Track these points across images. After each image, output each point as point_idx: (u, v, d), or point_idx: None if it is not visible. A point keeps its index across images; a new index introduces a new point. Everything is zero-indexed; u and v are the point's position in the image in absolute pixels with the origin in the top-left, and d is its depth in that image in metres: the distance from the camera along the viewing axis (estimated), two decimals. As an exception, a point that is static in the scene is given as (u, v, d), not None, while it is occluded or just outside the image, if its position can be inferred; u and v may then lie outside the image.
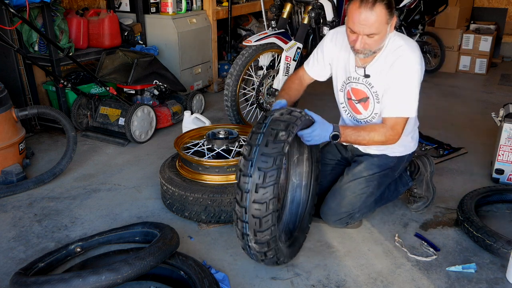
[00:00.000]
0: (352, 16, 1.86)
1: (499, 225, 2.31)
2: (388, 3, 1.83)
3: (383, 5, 1.81)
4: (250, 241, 1.75)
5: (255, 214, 1.68)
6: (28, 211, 2.43)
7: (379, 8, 1.81)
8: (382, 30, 1.87)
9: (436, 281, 1.92)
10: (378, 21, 1.83)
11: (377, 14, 1.81)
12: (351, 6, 1.87)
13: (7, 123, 2.66)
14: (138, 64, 3.36)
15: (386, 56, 1.99)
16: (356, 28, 1.87)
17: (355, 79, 2.12)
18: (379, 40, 1.90)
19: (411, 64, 1.94)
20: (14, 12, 2.72)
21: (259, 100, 3.27)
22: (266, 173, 1.64)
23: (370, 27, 1.84)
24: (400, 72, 1.94)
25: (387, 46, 1.99)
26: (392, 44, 1.98)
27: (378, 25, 1.84)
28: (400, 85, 1.95)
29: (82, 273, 1.52)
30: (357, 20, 1.84)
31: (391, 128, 1.97)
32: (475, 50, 5.38)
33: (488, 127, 3.63)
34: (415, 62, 1.94)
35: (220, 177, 2.30)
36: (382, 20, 1.83)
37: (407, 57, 1.94)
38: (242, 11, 4.84)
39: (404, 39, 2.00)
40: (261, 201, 1.66)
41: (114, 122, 3.34)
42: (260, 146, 1.67)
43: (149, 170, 2.89)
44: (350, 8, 1.87)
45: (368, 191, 2.18)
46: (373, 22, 1.83)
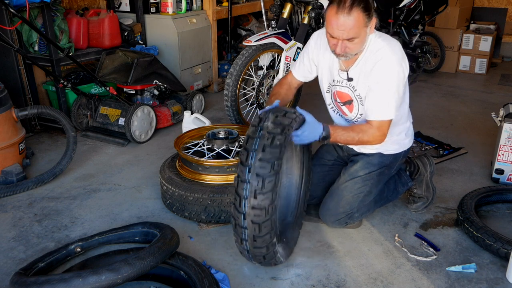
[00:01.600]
0: (330, 22, 1.87)
1: (499, 225, 2.31)
2: (365, 7, 1.83)
3: (360, 9, 1.82)
4: (249, 246, 1.74)
5: (254, 220, 1.67)
6: (28, 211, 2.43)
7: (356, 13, 1.81)
8: (361, 33, 1.87)
9: (436, 281, 1.92)
10: (356, 25, 1.83)
11: (355, 19, 1.82)
12: (328, 11, 1.87)
13: (7, 123, 2.66)
14: (138, 64, 3.36)
15: (367, 58, 1.99)
16: (335, 33, 1.88)
17: (339, 82, 2.13)
18: (359, 43, 1.91)
19: (390, 67, 1.93)
20: (14, 12, 2.72)
21: (259, 100, 3.27)
22: (265, 179, 1.63)
23: (348, 32, 1.85)
24: (380, 75, 1.94)
25: (368, 47, 1.99)
26: (373, 45, 1.98)
27: (357, 29, 1.85)
28: (380, 88, 1.95)
29: (82, 273, 1.52)
30: (335, 26, 1.85)
31: (377, 129, 1.98)
32: (475, 50, 5.38)
33: (488, 127, 3.63)
34: (395, 64, 1.93)
35: (220, 177, 2.30)
36: (360, 24, 1.84)
37: (387, 59, 1.93)
38: (242, 11, 4.84)
39: (385, 39, 1.99)
40: (260, 207, 1.65)
41: (114, 122, 3.34)
42: (257, 152, 1.66)
43: (149, 170, 2.89)
44: (328, 13, 1.87)
45: (365, 190, 2.19)
46: (351, 27, 1.83)
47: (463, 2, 5.38)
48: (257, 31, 5.11)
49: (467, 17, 5.75)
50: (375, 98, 1.97)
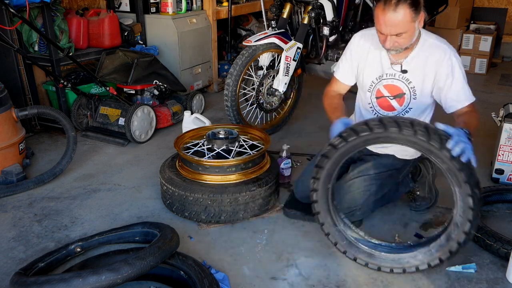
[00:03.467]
0: (378, 19, 1.92)
1: (499, 225, 2.31)
2: (412, 2, 1.86)
3: (406, 5, 1.85)
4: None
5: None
6: (28, 211, 2.43)
7: (403, 8, 1.85)
8: (409, 28, 1.91)
9: (436, 281, 1.92)
10: (403, 20, 1.87)
11: (402, 14, 1.86)
12: (376, 9, 1.92)
13: (7, 123, 2.66)
14: (138, 64, 3.36)
15: (424, 51, 2.04)
16: (383, 29, 1.92)
17: (390, 75, 2.14)
18: (408, 37, 1.95)
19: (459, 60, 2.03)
20: (14, 12, 2.72)
21: (259, 100, 3.27)
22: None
23: (396, 27, 1.89)
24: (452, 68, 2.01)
25: (425, 42, 2.05)
26: (428, 40, 2.05)
27: (404, 24, 1.88)
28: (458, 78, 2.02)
29: (82, 273, 1.52)
30: (383, 22, 1.89)
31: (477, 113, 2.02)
32: (475, 50, 5.37)
33: (488, 127, 3.62)
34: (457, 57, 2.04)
35: (220, 177, 2.29)
36: (407, 19, 1.88)
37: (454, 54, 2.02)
38: (242, 11, 4.84)
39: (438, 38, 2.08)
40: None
41: (114, 122, 3.34)
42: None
43: (149, 170, 2.89)
44: (376, 11, 1.93)
45: (372, 189, 2.18)
46: (398, 22, 1.87)
47: (463, 2, 5.38)
48: (257, 31, 5.10)
49: (467, 17, 5.75)
50: (458, 88, 2.03)
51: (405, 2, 1.85)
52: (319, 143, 2.95)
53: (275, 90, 3.25)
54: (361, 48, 2.20)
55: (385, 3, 1.87)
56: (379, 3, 1.91)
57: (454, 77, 2.02)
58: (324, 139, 2.52)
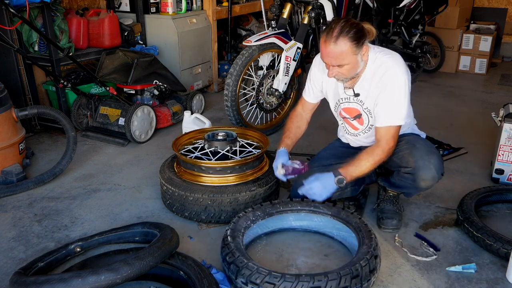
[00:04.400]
0: (321, 49, 1.97)
1: (499, 225, 2.31)
2: (354, 36, 1.89)
3: (347, 38, 1.88)
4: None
5: None
6: (28, 211, 2.43)
7: (343, 42, 1.88)
8: (350, 60, 1.94)
9: (436, 281, 1.92)
10: (343, 53, 1.91)
11: (342, 47, 1.89)
12: (321, 39, 1.97)
13: (7, 123, 2.66)
14: (138, 64, 3.36)
15: (373, 73, 2.04)
16: (325, 59, 1.98)
17: (346, 99, 2.19)
18: (350, 69, 1.98)
19: (397, 76, 1.99)
20: (14, 12, 2.72)
21: (259, 100, 3.27)
22: None
23: (336, 59, 1.93)
24: (388, 85, 2.00)
25: (373, 63, 2.04)
26: (376, 61, 2.03)
27: (344, 57, 1.92)
28: (390, 97, 2.01)
29: (81, 273, 1.51)
30: (325, 53, 1.95)
31: (385, 143, 2.02)
32: (475, 50, 5.37)
33: (488, 127, 3.62)
34: (401, 74, 2.00)
35: (219, 179, 2.29)
36: (347, 52, 1.91)
37: (393, 71, 2.00)
38: (242, 11, 4.84)
39: (387, 54, 2.05)
40: None
41: (114, 122, 3.34)
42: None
43: (149, 170, 2.89)
44: (320, 41, 1.97)
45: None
46: (338, 55, 1.91)
47: (463, 2, 5.38)
48: (257, 31, 5.11)
49: (467, 17, 5.75)
50: (385, 106, 2.03)
51: (346, 35, 1.88)
52: (319, 143, 2.95)
53: (275, 90, 3.25)
54: (319, 74, 2.24)
55: (327, 35, 1.90)
56: (323, 35, 1.95)
57: (385, 92, 2.01)
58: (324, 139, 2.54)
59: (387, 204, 2.31)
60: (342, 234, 2.14)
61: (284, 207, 2.18)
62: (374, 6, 3.81)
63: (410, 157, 2.08)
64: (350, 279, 1.69)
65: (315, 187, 2.02)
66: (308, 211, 2.16)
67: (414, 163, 2.07)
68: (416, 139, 2.18)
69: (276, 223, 2.20)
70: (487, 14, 6.05)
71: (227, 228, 2.01)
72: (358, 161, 2.03)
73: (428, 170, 2.05)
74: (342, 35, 1.88)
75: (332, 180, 1.99)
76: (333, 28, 1.90)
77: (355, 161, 2.03)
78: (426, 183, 2.09)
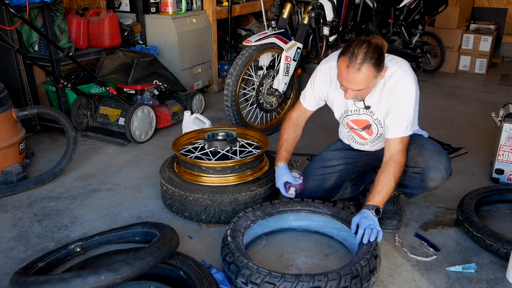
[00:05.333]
0: (340, 73, 1.91)
1: (499, 225, 2.31)
2: (376, 62, 1.85)
3: (370, 65, 1.84)
4: None
5: None
6: (28, 211, 2.43)
7: (367, 69, 1.84)
8: (371, 84, 1.92)
9: (436, 281, 1.92)
10: (365, 79, 1.87)
11: (364, 74, 1.85)
12: (340, 61, 1.89)
13: (7, 123, 2.66)
14: (138, 64, 3.36)
15: (383, 84, 2.02)
16: (345, 84, 1.92)
17: (355, 111, 2.15)
18: (368, 90, 1.96)
19: (407, 87, 1.99)
20: (14, 12, 2.72)
21: (259, 100, 3.27)
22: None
23: (358, 85, 1.89)
24: (399, 97, 2.00)
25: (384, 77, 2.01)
26: (387, 71, 1.99)
27: (366, 82, 1.89)
28: (401, 108, 2.00)
29: (81, 273, 1.51)
30: (346, 78, 1.89)
31: (397, 154, 2.02)
32: (475, 50, 5.37)
33: (488, 127, 3.62)
34: (411, 84, 2.00)
35: (219, 179, 2.29)
36: (370, 77, 1.87)
37: (403, 82, 1.99)
38: (242, 11, 4.84)
39: (396, 63, 2.02)
40: None
41: (114, 122, 3.34)
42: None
43: (149, 170, 2.89)
44: (339, 63, 1.90)
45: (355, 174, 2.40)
46: (360, 81, 1.87)
47: (463, 2, 5.38)
48: (257, 31, 5.10)
49: (467, 17, 5.75)
50: (396, 117, 2.01)
51: (370, 62, 1.83)
52: (319, 143, 2.95)
53: (275, 90, 3.25)
54: (327, 85, 2.17)
55: (350, 61, 1.84)
56: (343, 57, 1.87)
57: (396, 104, 2.00)
58: (324, 139, 2.53)
59: (387, 204, 2.31)
60: (342, 234, 2.14)
61: (284, 207, 2.18)
62: (374, 6, 3.81)
63: (419, 157, 2.09)
64: (350, 279, 1.69)
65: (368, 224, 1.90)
66: (308, 211, 2.16)
67: (424, 163, 2.08)
68: (424, 139, 2.19)
69: (276, 223, 2.20)
70: (487, 14, 6.05)
71: (227, 228, 2.01)
72: (379, 186, 1.98)
73: (438, 171, 2.08)
74: (366, 61, 1.83)
75: (371, 214, 1.93)
76: (356, 54, 1.82)
77: (376, 187, 1.99)
78: (435, 183, 2.11)
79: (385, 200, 1.98)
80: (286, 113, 3.56)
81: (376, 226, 1.90)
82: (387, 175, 1.99)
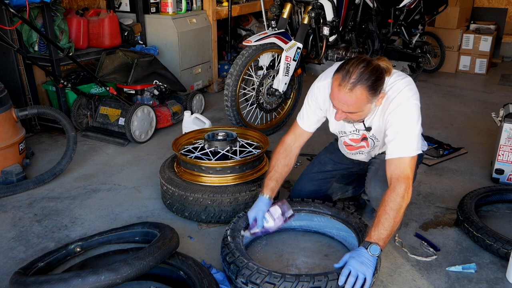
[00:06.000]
0: (332, 90, 1.77)
1: (499, 225, 2.31)
2: (372, 85, 1.71)
3: (364, 87, 1.70)
4: None
5: None
6: (28, 211, 2.43)
7: (359, 91, 1.70)
8: (363, 108, 1.78)
9: (436, 281, 1.92)
10: (357, 102, 1.73)
11: (356, 96, 1.71)
12: (334, 78, 1.76)
13: (7, 123, 2.66)
14: (138, 64, 3.36)
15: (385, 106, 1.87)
16: (335, 103, 1.80)
17: (354, 131, 2.05)
18: (361, 114, 1.82)
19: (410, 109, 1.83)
20: (14, 12, 2.72)
21: (259, 100, 3.27)
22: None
23: (348, 107, 1.76)
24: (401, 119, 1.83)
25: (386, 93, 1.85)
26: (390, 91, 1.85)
27: (358, 105, 1.75)
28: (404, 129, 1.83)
29: (81, 273, 1.51)
30: (336, 97, 1.76)
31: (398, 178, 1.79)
32: (475, 50, 5.37)
33: (488, 127, 3.63)
34: (414, 104, 1.84)
35: (219, 179, 2.29)
36: (362, 101, 1.73)
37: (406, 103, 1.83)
38: (242, 11, 4.84)
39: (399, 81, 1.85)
40: None
41: (114, 122, 3.34)
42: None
43: (149, 170, 2.89)
44: (333, 80, 1.76)
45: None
46: (352, 103, 1.73)
47: (463, 2, 5.38)
48: (257, 31, 5.11)
49: (467, 17, 5.75)
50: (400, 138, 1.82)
51: (364, 84, 1.69)
52: (319, 143, 2.94)
53: (275, 90, 3.25)
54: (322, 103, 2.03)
55: (342, 78, 1.70)
56: (337, 74, 1.73)
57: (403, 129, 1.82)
58: (324, 139, 2.53)
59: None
60: (342, 234, 2.14)
61: None
62: (374, 6, 3.81)
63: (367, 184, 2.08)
64: None
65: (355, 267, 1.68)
66: (308, 211, 2.16)
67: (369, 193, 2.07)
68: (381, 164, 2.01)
69: (276, 223, 2.20)
70: (487, 14, 6.05)
71: (227, 228, 2.01)
72: (382, 218, 1.74)
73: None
74: (360, 83, 1.68)
75: (365, 252, 1.71)
76: (350, 73, 1.69)
77: (379, 219, 1.75)
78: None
79: (386, 237, 1.73)
80: (286, 113, 3.57)
81: (366, 271, 1.67)
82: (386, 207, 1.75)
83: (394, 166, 1.82)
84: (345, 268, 1.69)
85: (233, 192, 2.23)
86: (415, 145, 1.82)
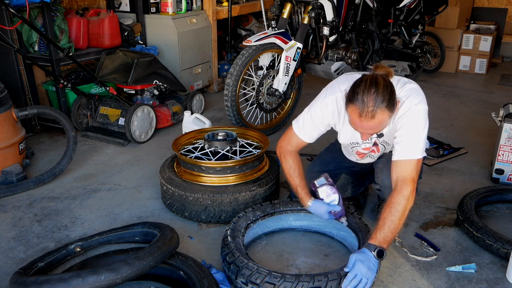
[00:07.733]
0: (353, 121, 1.78)
1: (499, 225, 2.31)
2: (388, 104, 1.71)
3: (383, 109, 1.71)
4: None
5: None
6: (28, 211, 2.43)
7: (380, 114, 1.71)
8: (387, 123, 1.82)
9: (436, 281, 1.92)
10: (381, 123, 1.76)
11: (379, 120, 1.73)
12: (350, 109, 1.76)
13: (7, 123, 2.66)
14: (138, 64, 3.36)
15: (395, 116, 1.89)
16: (360, 130, 1.83)
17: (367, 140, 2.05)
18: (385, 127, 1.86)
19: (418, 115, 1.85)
20: (14, 12, 2.72)
21: (259, 100, 3.27)
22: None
23: (374, 130, 1.80)
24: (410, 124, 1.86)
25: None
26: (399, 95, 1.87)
27: (383, 125, 1.79)
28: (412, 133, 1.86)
29: (81, 273, 1.51)
30: (360, 126, 1.78)
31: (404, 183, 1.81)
32: (475, 50, 5.37)
33: (488, 127, 3.63)
34: (422, 110, 1.86)
35: (219, 179, 2.29)
36: (385, 120, 1.75)
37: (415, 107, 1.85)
38: (242, 11, 4.84)
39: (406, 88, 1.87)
40: None
41: (114, 122, 3.34)
42: None
43: (149, 170, 2.89)
44: (350, 111, 1.76)
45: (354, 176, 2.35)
46: (376, 126, 1.76)
47: (463, 2, 5.38)
48: (257, 31, 5.10)
49: (467, 17, 5.75)
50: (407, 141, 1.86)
51: (382, 107, 1.70)
52: (319, 142, 2.94)
53: (275, 90, 3.25)
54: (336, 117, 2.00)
55: (361, 110, 1.70)
56: (353, 106, 1.73)
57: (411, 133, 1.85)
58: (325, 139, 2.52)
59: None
60: (342, 234, 2.14)
61: (284, 207, 2.18)
62: (374, 6, 3.80)
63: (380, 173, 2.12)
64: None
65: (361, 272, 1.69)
66: (308, 211, 2.16)
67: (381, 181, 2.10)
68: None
69: (276, 223, 2.21)
70: (487, 14, 6.05)
71: (227, 228, 2.01)
72: (385, 221, 1.78)
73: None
74: (379, 108, 1.69)
75: (372, 256, 1.72)
76: (366, 103, 1.69)
77: (383, 221, 1.78)
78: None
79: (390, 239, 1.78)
80: (286, 113, 3.57)
81: (370, 276, 1.69)
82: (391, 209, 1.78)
83: (400, 168, 1.85)
84: (351, 272, 1.70)
85: (233, 192, 2.23)
86: (421, 148, 1.86)
